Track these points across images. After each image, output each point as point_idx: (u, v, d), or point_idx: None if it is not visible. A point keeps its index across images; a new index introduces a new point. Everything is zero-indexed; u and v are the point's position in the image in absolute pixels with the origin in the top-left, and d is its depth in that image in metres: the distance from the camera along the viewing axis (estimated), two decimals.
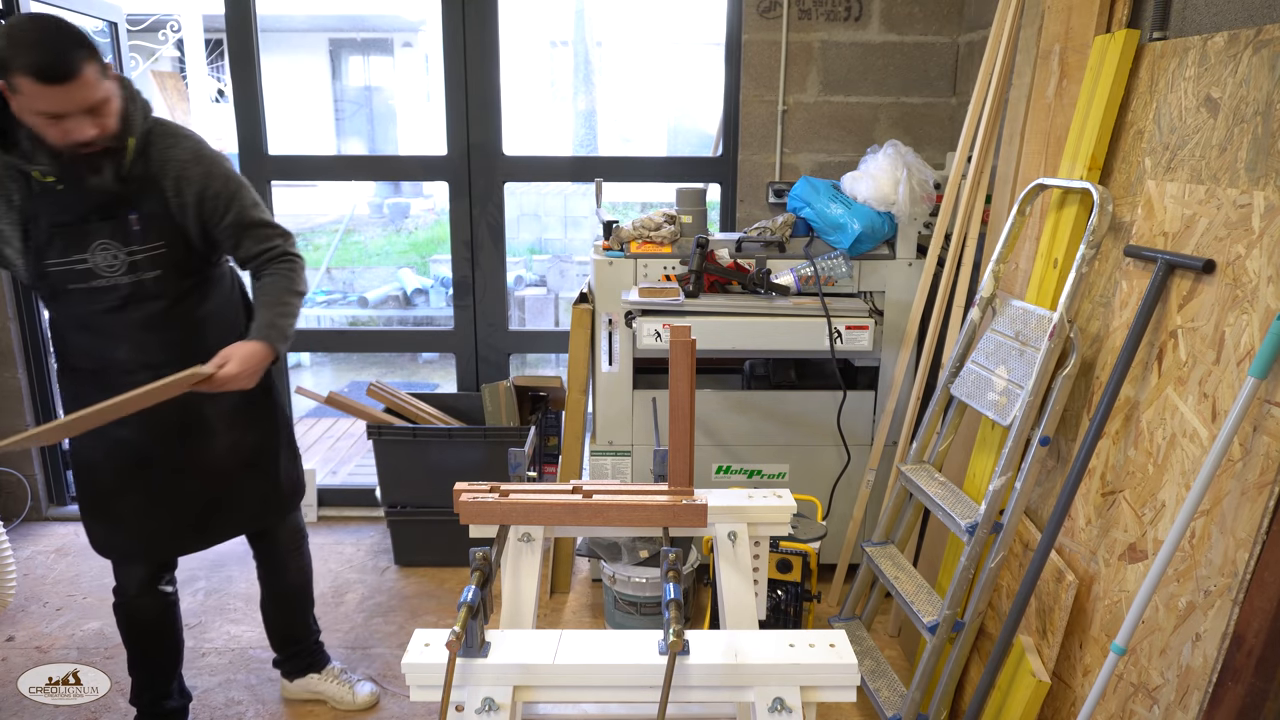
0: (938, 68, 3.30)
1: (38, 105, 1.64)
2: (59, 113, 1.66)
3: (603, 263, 2.84)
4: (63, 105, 1.65)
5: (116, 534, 2.13)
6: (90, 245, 1.81)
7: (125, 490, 2.07)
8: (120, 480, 2.07)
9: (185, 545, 2.22)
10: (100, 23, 4.16)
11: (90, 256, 1.81)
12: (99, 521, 2.12)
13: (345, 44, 11.81)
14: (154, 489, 2.08)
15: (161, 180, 1.85)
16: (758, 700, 1.33)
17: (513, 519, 1.66)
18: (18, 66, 1.61)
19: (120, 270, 1.85)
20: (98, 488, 2.09)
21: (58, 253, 1.80)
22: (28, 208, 1.78)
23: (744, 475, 2.98)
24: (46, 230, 1.78)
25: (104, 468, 2.06)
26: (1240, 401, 1.43)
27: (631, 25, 8.94)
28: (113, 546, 2.15)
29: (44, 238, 1.78)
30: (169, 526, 2.14)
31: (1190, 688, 1.56)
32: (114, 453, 2.04)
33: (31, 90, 1.62)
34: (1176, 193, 1.75)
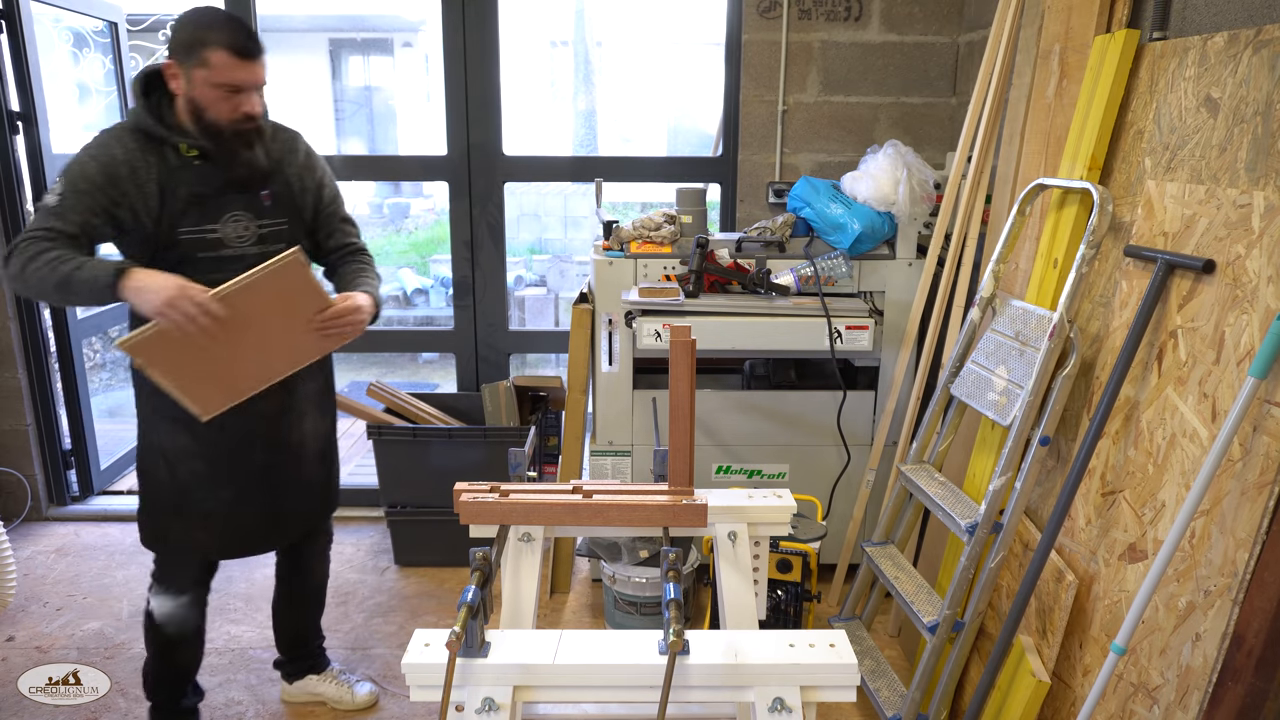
0: (938, 68, 3.30)
1: (227, 77, 1.82)
2: (242, 85, 1.84)
3: (603, 263, 2.84)
4: (248, 79, 1.84)
5: (199, 528, 2.08)
6: (222, 216, 1.93)
7: (219, 480, 2.05)
8: (214, 468, 2.04)
9: (259, 543, 2.20)
10: (100, 23, 4.16)
11: (221, 227, 1.93)
12: (179, 513, 2.07)
13: (345, 44, 11.80)
14: (250, 477, 2.07)
15: (287, 164, 2.04)
16: (758, 700, 1.33)
17: (513, 519, 1.66)
18: (215, 41, 1.80)
19: (249, 241, 1.97)
20: (187, 477, 2.04)
21: (192, 221, 1.90)
22: (164, 180, 1.87)
23: (744, 475, 2.98)
24: (184, 200, 1.88)
25: (197, 454, 2.03)
26: (1240, 401, 1.43)
27: (631, 25, 8.93)
28: (188, 541, 2.11)
29: (179, 207, 1.88)
30: (250, 521, 2.12)
31: (1190, 688, 1.56)
32: (213, 438, 2.01)
33: (225, 64, 1.81)
34: (1176, 193, 1.75)
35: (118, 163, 1.85)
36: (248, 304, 1.81)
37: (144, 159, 1.87)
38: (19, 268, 1.78)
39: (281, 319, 1.88)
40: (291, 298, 1.87)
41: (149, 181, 1.86)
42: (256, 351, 1.89)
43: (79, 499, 3.81)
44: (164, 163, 1.88)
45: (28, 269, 1.77)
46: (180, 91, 1.86)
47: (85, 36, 4.49)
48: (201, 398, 1.88)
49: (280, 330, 1.89)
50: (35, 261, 1.76)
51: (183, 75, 1.84)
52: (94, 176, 1.83)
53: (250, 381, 1.92)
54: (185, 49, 1.82)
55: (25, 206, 3.53)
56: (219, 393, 1.89)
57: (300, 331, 1.91)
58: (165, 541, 2.12)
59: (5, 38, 3.40)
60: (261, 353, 1.90)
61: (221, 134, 1.87)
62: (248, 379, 1.91)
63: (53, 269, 1.75)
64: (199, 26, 1.82)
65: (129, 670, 2.65)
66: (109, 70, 4.23)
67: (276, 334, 1.89)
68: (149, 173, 1.86)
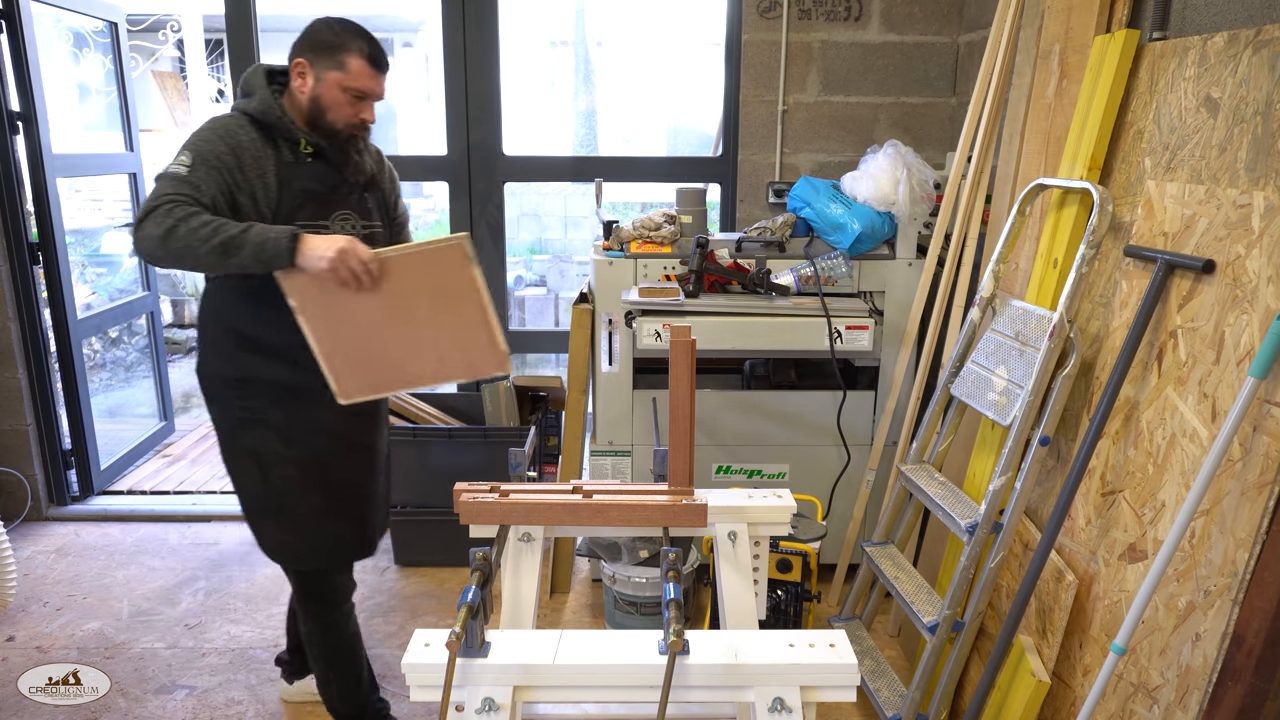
0: (938, 68, 3.30)
1: (360, 84, 1.88)
2: (368, 94, 1.90)
3: (603, 263, 2.84)
4: (375, 89, 1.91)
5: (289, 531, 2.05)
6: (332, 215, 1.95)
7: (310, 487, 2.02)
8: (305, 474, 2.02)
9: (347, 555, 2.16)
10: (100, 23, 4.16)
11: (331, 225, 1.95)
12: (274, 518, 2.04)
13: None
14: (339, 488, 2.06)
15: (380, 173, 2.10)
16: (758, 700, 1.33)
17: (513, 519, 1.66)
18: (356, 48, 1.87)
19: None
20: (279, 482, 2.01)
21: (306, 215, 1.91)
22: (281, 172, 1.89)
23: (744, 475, 2.98)
24: (299, 195, 1.90)
25: (288, 459, 2.00)
26: (1240, 401, 1.43)
27: (631, 25, 8.93)
28: (343, 550, 2.10)
29: (295, 203, 1.90)
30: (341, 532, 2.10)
31: (1190, 688, 1.56)
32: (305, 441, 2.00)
33: (359, 71, 1.87)
34: (1176, 193, 1.75)
35: (243, 148, 1.84)
36: (405, 277, 1.79)
37: (264, 149, 1.87)
38: (165, 229, 1.70)
39: (434, 312, 1.83)
40: (449, 290, 1.82)
41: (268, 172, 1.87)
42: (403, 344, 1.85)
43: (79, 499, 3.81)
44: (279, 156, 1.89)
45: (178, 229, 1.70)
46: (304, 89, 1.89)
47: (85, 36, 4.50)
48: (344, 375, 1.85)
49: (429, 326, 1.84)
50: (189, 222, 1.70)
51: (312, 74, 1.88)
52: (224, 156, 1.82)
53: (392, 377, 1.89)
54: (323, 50, 1.87)
55: (25, 206, 3.53)
56: (361, 378, 1.87)
57: (450, 336, 1.86)
58: (323, 551, 2.08)
59: (5, 38, 3.40)
60: (408, 348, 1.86)
61: (336, 135, 1.91)
62: (390, 374, 1.88)
63: (214, 230, 1.70)
64: (341, 32, 1.88)
65: (129, 670, 2.65)
66: (109, 70, 4.23)
67: (425, 329, 1.84)
68: (268, 163, 1.87)
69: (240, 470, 2.04)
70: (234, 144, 1.84)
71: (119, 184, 4.43)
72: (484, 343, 1.87)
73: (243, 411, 1.97)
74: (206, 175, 1.79)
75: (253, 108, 1.89)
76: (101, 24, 4.15)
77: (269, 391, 1.97)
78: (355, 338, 1.83)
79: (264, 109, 1.88)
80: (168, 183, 1.77)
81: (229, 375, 1.98)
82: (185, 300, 8.04)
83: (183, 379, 6.72)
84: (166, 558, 3.37)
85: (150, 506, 3.78)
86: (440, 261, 1.81)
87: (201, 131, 1.85)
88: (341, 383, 1.86)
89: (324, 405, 1.95)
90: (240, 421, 1.99)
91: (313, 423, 1.99)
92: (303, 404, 1.98)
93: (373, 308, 1.80)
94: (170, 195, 1.74)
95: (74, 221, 6.46)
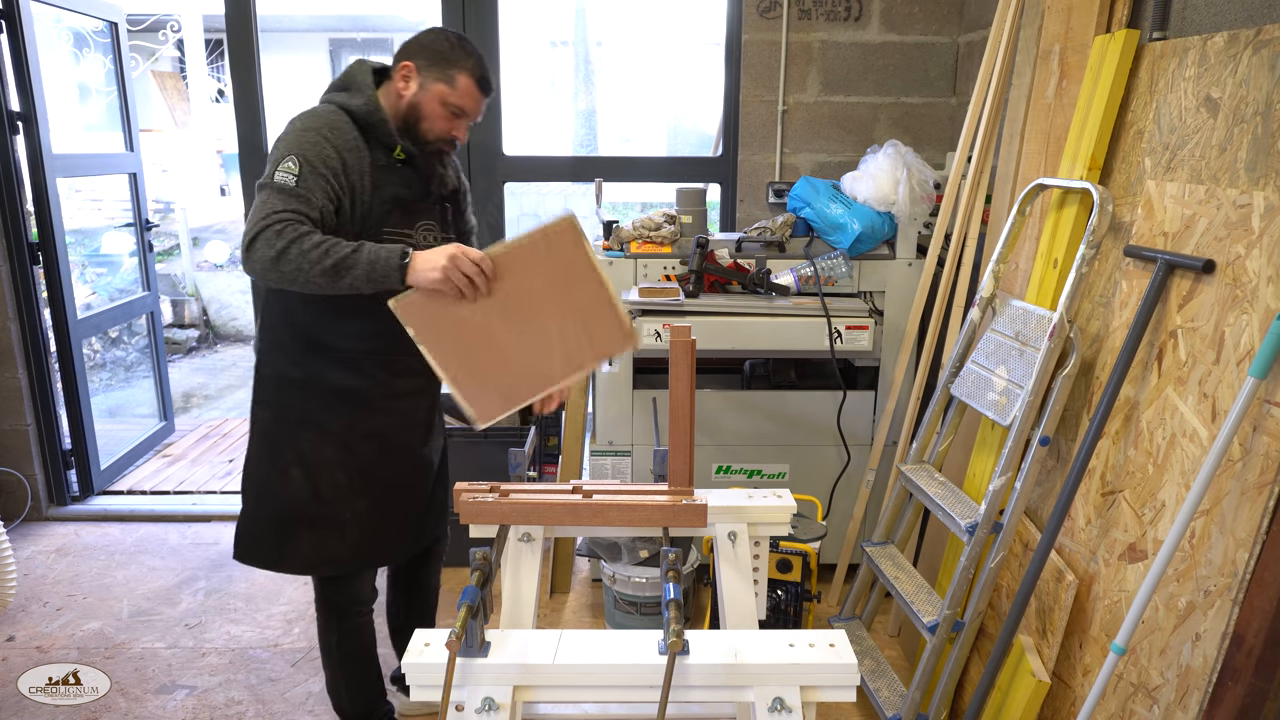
0: (938, 68, 3.30)
1: (463, 102, 1.87)
2: (467, 113, 1.89)
3: (603, 263, 2.83)
4: (475, 110, 1.91)
5: (330, 538, 2.00)
6: (417, 223, 1.94)
7: (355, 489, 1.98)
8: (352, 479, 1.98)
9: (389, 552, 2.15)
10: (100, 23, 4.16)
11: (415, 233, 1.94)
12: (312, 527, 1.99)
13: (345, 44, 11.80)
14: (384, 488, 2.03)
15: (459, 188, 2.10)
16: (758, 700, 1.33)
17: (513, 519, 1.66)
18: (468, 68, 1.86)
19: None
20: (328, 491, 1.97)
21: (395, 222, 1.89)
22: (374, 175, 1.87)
23: (744, 475, 2.98)
24: (388, 202, 1.88)
25: (339, 465, 1.96)
26: (1240, 401, 1.43)
27: (631, 25, 8.93)
28: (376, 552, 2.08)
29: (384, 209, 1.87)
30: (384, 529, 2.06)
31: (1190, 688, 1.56)
32: (362, 448, 1.98)
33: (466, 89, 1.87)
34: (1176, 193, 1.75)
35: (348, 149, 1.80)
36: (519, 272, 1.70)
37: (362, 149, 1.84)
38: (277, 250, 1.66)
39: (554, 303, 1.72)
40: (564, 275, 1.71)
41: (365, 174, 1.83)
42: (530, 345, 1.74)
43: (79, 499, 3.81)
44: (374, 158, 1.86)
45: (290, 251, 1.66)
46: (405, 93, 1.86)
47: (85, 36, 4.50)
48: (478, 396, 1.74)
49: (554, 318, 1.72)
50: (301, 244, 1.67)
51: (417, 80, 1.86)
52: (330, 160, 1.77)
53: (526, 384, 1.76)
54: (435, 60, 1.85)
55: (25, 206, 3.53)
56: (495, 395, 1.74)
57: (574, 323, 1.73)
58: (352, 554, 2.03)
59: (5, 38, 3.40)
60: (536, 348, 1.74)
61: (425, 145, 1.90)
62: (524, 381, 1.75)
63: (325, 251, 1.67)
64: (457, 47, 1.87)
65: (129, 670, 2.65)
66: (109, 70, 4.23)
67: (549, 322, 1.73)
68: (365, 164, 1.84)
69: (283, 480, 1.97)
70: (340, 145, 1.79)
71: (119, 184, 4.42)
72: (609, 321, 1.73)
73: (302, 414, 1.94)
74: (315, 184, 1.74)
75: (356, 105, 1.84)
76: (101, 24, 4.15)
77: (330, 397, 1.94)
78: (480, 352, 1.73)
79: (368, 109, 1.84)
80: (276, 196, 1.72)
81: (295, 378, 1.94)
82: (185, 300, 8.04)
83: (183, 379, 6.72)
84: (166, 558, 3.37)
85: (150, 506, 3.78)
86: (552, 246, 1.71)
87: (305, 132, 1.78)
88: (477, 405, 1.74)
89: (381, 412, 1.96)
90: (299, 424, 1.95)
91: (368, 429, 1.97)
92: (361, 411, 1.96)
93: (492, 314, 1.71)
94: (279, 215, 1.69)
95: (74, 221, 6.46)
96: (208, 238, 9.29)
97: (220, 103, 10.76)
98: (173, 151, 10.13)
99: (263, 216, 1.69)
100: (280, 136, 1.81)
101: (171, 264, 8.54)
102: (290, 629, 2.88)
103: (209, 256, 8.94)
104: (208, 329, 8.17)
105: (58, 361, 3.76)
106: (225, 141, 10.39)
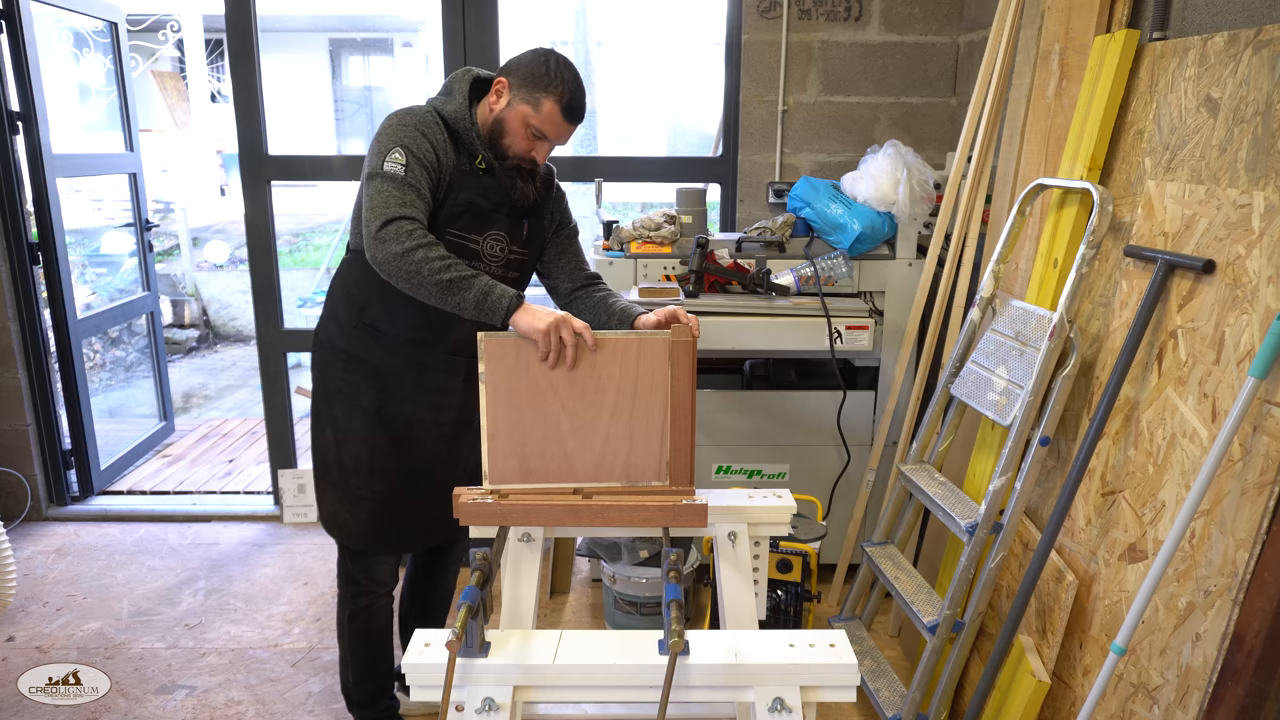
0: (938, 68, 3.30)
1: (542, 126, 1.87)
2: (549, 138, 1.89)
3: (603, 263, 2.84)
4: (558, 136, 1.90)
5: (349, 511, 2.06)
6: (486, 231, 1.96)
7: (376, 468, 2.03)
8: (374, 456, 2.02)
9: (402, 540, 2.16)
10: (100, 23, 4.16)
11: (482, 241, 1.95)
12: (379, 513, 2.05)
13: (345, 44, 11.81)
14: (403, 475, 2.06)
15: (546, 209, 2.09)
16: (758, 700, 1.33)
17: (512, 520, 1.66)
18: (557, 94, 1.85)
19: (498, 261, 1.99)
20: (350, 461, 2.02)
21: (462, 226, 1.92)
22: (454, 177, 1.90)
23: (744, 475, 2.98)
24: (462, 204, 1.91)
25: (363, 440, 2.02)
26: (1240, 401, 1.43)
27: (632, 25, 8.93)
28: (385, 537, 2.10)
29: (457, 209, 1.91)
30: (397, 517, 2.09)
31: (1190, 688, 1.56)
32: (384, 426, 2.01)
33: (551, 114, 1.86)
34: (1176, 193, 1.75)
35: (440, 147, 1.86)
36: (606, 360, 1.67)
37: (449, 150, 1.89)
38: (405, 248, 1.71)
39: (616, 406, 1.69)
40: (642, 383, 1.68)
41: (448, 173, 1.88)
42: (576, 436, 1.70)
43: (79, 499, 3.81)
44: (458, 161, 1.90)
45: (417, 254, 1.71)
46: (495, 106, 1.90)
47: (85, 36, 4.50)
48: (500, 458, 1.71)
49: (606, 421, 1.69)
50: (429, 250, 1.72)
51: (508, 96, 1.88)
52: (427, 154, 1.83)
53: (549, 469, 1.72)
54: (529, 80, 1.86)
55: (25, 206, 3.53)
56: (516, 466, 1.71)
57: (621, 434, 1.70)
58: (381, 532, 2.08)
59: (5, 38, 3.40)
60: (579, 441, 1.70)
61: (504, 159, 1.92)
62: (549, 466, 1.72)
63: (446, 265, 1.72)
64: (553, 72, 1.86)
65: (129, 670, 2.65)
66: (109, 70, 4.23)
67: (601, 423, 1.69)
68: (449, 164, 1.88)
69: (320, 437, 2.08)
70: (435, 142, 1.85)
71: (119, 184, 4.42)
72: (653, 450, 1.71)
73: (340, 384, 2.02)
74: (421, 174, 1.81)
75: (448, 110, 1.90)
76: (101, 24, 4.15)
77: (369, 373, 2.00)
78: (529, 418, 1.70)
79: (457, 115, 1.89)
80: (392, 185, 1.78)
81: (341, 348, 2.02)
82: (185, 300, 8.04)
83: (183, 379, 6.73)
84: (166, 558, 3.37)
85: (150, 506, 3.78)
86: (650, 352, 1.68)
87: (403, 127, 1.84)
88: (495, 464, 1.72)
89: (412, 401, 2.01)
90: (336, 392, 2.03)
91: (396, 413, 2.01)
92: (392, 394, 2.01)
93: (559, 388, 1.68)
94: (403, 214, 1.75)
95: (74, 221, 6.46)
96: (208, 238, 9.30)
97: (220, 103, 10.77)
98: (173, 151, 10.13)
99: (388, 207, 1.76)
100: (379, 131, 1.87)
101: (171, 264, 8.55)
102: (290, 629, 2.88)
103: (209, 256, 8.94)
104: (208, 329, 8.18)
105: (58, 361, 3.76)
106: (225, 141, 10.40)
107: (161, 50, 10.61)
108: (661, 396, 1.68)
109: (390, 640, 2.27)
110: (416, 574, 2.39)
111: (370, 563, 2.15)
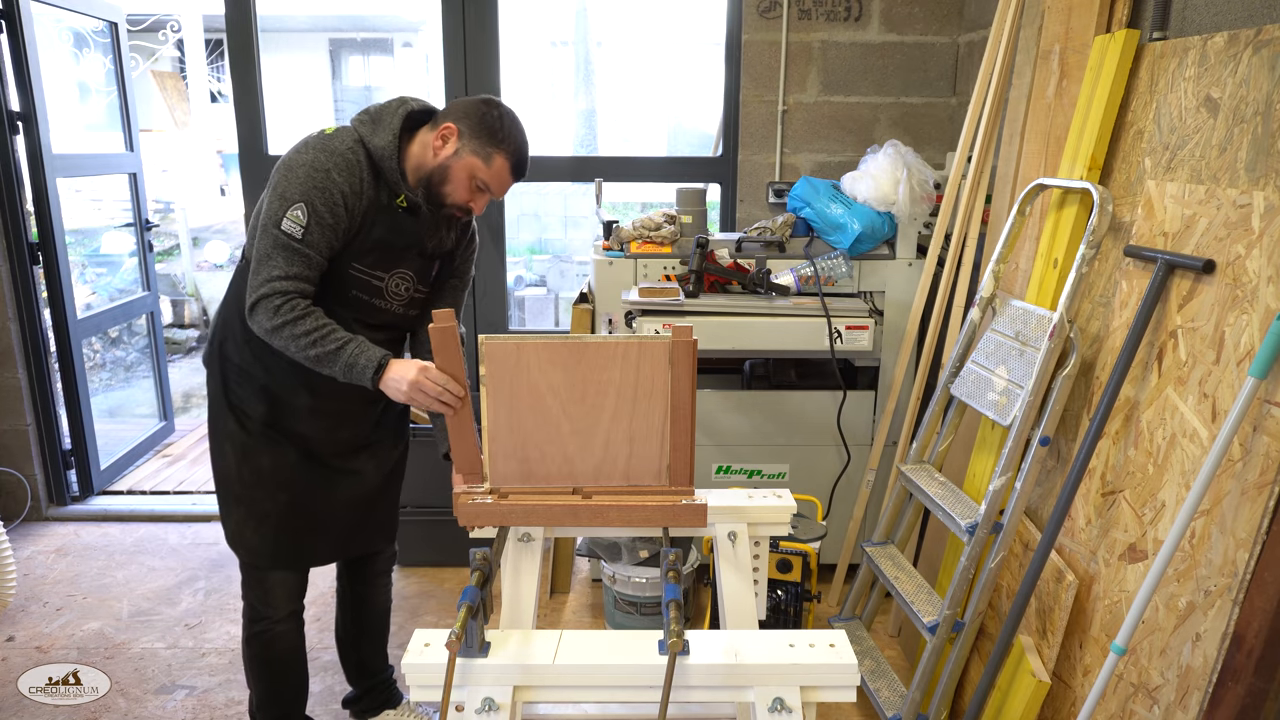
0: (938, 68, 3.30)
1: (489, 180, 1.85)
2: (490, 191, 1.88)
3: (603, 263, 2.84)
4: (499, 190, 1.89)
5: (253, 529, 2.00)
6: (393, 269, 1.93)
7: (280, 482, 1.99)
8: (277, 466, 1.98)
9: (309, 555, 2.12)
10: (100, 23, 4.16)
11: (388, 279, 1.93)
12: (284, 527, 2.00)
13: (345, 44, 11.81)
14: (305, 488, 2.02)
15: (459, 250, 2.07)
16: (758, 700, 1.33)
17: (512, 520, 1.66)
18: (508, 150, 1.84)
19: (400, 300, 1.97)
20: (250, 475, 1.98)
21: (369, 263, 1.89)
22: (368, 213, 1.85)
23: (744, 475, 2.98)
24: (373, 240, 1.87)
25: (262, 451, 1.97)
26: (1240, 401, 1.43)
27: (632, 25, 8.93)
28: (292, 553, 2.05)
29: (367, 246, 1.87)
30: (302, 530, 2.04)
31: (1190, 688, 1.56)
32: (324, 450, 2.00)
33: (500, 170, 1.85)
34: (1176, 193, 1.75)
35: (357, 192, 1.81)
36: (606, 363, 1.65)
37: (369, 189, 1.83)
38: (274, 325, 1.75)
39: (615, 410, 1.67)
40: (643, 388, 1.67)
41: (359, 215, 1.83)
42: (577, 438, 1.69)
43: (79, 499, 3.81)
44: (377, 198, 1.85)
45: (284, 330, 1.75)
46: (440, 153, 1.83)
47: (85, 36, 4.50)
48: (499, 461, 1.70)
49: (606, 423, 1.68)
50: (295, 326, 1.75)
51: (455, 145, 1.83)
52: (337, 207, 1.78)
53: (547, 471, 1.71)
54: (480, 133, 1.82)
55: (25, 206, 3.53)
56: (515, 468, 1.71)
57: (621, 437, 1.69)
58: (271, 553, 2.03)
59: (5, 38, 3.40)
60: (580, 443, 1.69)
61: (440, 208, 1.88)
62: (547, 469, 1.71)
63: (313, 342, 1.75)
64: (507, 128, 1.83)
65: (129, 670, 2.65)
66: (109, 70, 4.23)
67: (602, 425, 1.69)
68: (366, 204, 1.83)
69: (218, 450, 2.02)
70: (351, 189, 1.79)
71: (119, 184, 4.42)
72: (653, 454, 1.70)
73: (232, 396, 1.97)
74: (319, 236, 1.77)
75: (374, 144, 1.82)
76: (101, 24, 4.15)
77: (258, 388, 1.95)
78: (529, 422, 1.70)
79: (384, 153, 1.82)
80: (280, 255, 1.75)
81: (232, 359, 1.97)
82: (185, 300, 8.04)
83: (183, 379, 6.72)
84: (166, 558, 3.37)
85: (150, 506, 3.78)
86: (651, 356, 1.67)
87: (314, 173, 1.76)
88: (495, 467, 1.71)
89: (305, 419, 1.96)
90: (228, 405, 1.98)
91: (289, 429, 1.97)
92: (283, 411, 1.96)
93: (560, 391, 1.67)
94: (280, 286, 1.75)
95: (74, 221, 6.46)
96: (207, 238, 9.29)
97: (220, 103, 10.77)
98: (173, 151, 10.13)
99: (265, 281, 1.76)
100: (293, 163, 1.78)
101: (171, 264, 8.54)
102: None
103: (209, 256, 8.94)
104: (207, 329, 8.18)
105: (58, 361, 3.76)
106: (225, 141, 10.40)
107: (161, 50, 10.61)
108: (662, 401, 1.68)
109: (297, 667, 2.18)
110: (344, 593, 2.33)
111: (268, 586, 2.06)
